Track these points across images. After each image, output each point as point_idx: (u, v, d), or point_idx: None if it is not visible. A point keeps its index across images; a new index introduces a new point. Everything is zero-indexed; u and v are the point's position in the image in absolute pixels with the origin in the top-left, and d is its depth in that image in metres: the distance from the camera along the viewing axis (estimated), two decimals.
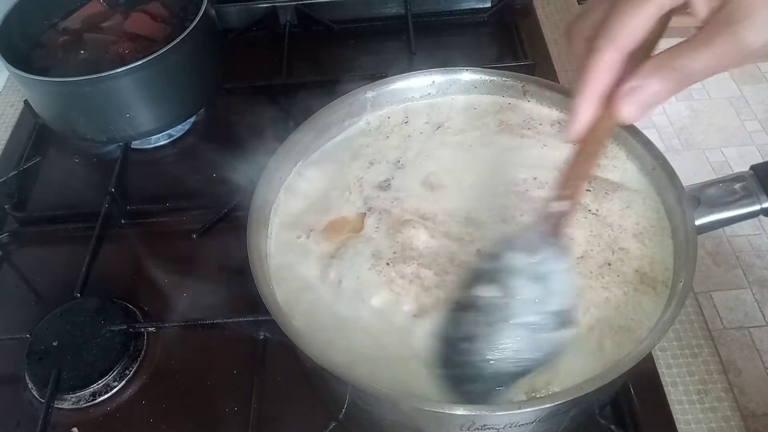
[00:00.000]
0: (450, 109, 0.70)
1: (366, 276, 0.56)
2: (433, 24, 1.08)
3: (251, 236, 0.56)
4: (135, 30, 0.91)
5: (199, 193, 0.86)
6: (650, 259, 0.56)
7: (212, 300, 0.74)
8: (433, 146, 0.67)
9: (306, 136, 0.66)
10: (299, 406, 0.65)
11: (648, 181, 0.61)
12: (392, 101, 0.70)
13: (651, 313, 0.53)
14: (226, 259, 0.75)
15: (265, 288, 0.52)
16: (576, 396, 0.46)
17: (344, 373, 0.48)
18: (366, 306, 0.55)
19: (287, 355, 0.66)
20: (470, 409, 0.46)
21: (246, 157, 0.85)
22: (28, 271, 0.82)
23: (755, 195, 0.56)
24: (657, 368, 0.66)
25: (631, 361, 0.47)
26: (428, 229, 0.59)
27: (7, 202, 0.87)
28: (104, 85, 0.81)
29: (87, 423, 0.67)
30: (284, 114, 0.93)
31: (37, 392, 0.67)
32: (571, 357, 0.50)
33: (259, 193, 0.59)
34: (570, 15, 1.07)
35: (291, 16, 1.08)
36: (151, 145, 0.94)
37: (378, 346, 0.53)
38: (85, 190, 0.91)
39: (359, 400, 0.53)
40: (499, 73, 0.70)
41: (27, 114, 0.98)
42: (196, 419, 0.66)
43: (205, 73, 0.92)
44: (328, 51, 1.06)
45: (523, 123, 0.68)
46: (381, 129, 0.69)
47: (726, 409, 0.63)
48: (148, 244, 0.83)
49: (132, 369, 0.69)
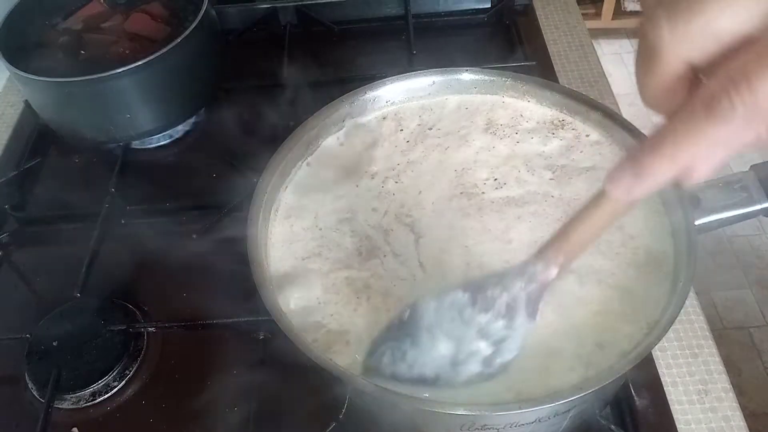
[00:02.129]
0: (442, 109, 0.70)
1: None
2: (433, 24, 1.08)
3: (251, 236, 0.56)
4: (135, 30, 0.91)
5: (199, 193, 0.86)
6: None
7: (212, 300, 0.74)
8: (417, 154, 0.67)
9: (306, 136, 0.66)
10: (299, 406, 0.65)
11: None
12: (392, 101, 0.70)
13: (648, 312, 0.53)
14: (226, 259, 0.75)
15: (265, 288, 0.52)
16: (576, 396, 0.46)
17: (344, 373, 0.48)
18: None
19: (287, 355, 0.66)
20: (470, 409, 0.46)
21: (246, 157, 0.85)
22: (28, 271, 0.82)
23: (755, 195, 0.56)
24: (657, 368, 0.66)
25: (631, 361, 0.47)
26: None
27: (7, 202, 0.87)
28: (104, 85, 0.81)
29: (87, 423, 0.67)
30: (284, 114, 0.93)
31: (37, 392, 0.67)
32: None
33: (259, 193, 0.59)
34: (570, 15, 1.07)
35: (291, 17, 1.08)
36: (151, 145, 0.94)
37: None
38: (85, 190, 0.91)
39: (359, 400, 0.53)
40: (499, 74, 0.70)
41: (27, 114, 0.98)
42: (196, 419, 0.66)
43: (206, 73, 0.92)
44: (328, 51, 1.06)
45: (511, 120, 0.68)
46: (377, 130, 0.69)
47: (726, 409, 0.63)
48: (148, 244, 0.83)
49: (132, 369, 0.69)
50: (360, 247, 0.60)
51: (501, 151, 0.66)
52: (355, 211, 0.62)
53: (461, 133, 0.67)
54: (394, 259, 0.58)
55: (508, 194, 0.62)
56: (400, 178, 0.65)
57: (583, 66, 0.98)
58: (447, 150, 0.66)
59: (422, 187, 0.64)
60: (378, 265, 0.58)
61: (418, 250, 0.59)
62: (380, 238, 0.60)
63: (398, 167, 0.66)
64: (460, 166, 0.65)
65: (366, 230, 0.61)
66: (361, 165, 0.66)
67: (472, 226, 0.60)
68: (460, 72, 0.70)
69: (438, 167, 0.65)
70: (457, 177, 0.64)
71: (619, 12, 2.58)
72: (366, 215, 0.62)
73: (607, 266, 0.56)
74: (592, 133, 0.66)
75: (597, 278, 0.55)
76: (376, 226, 0.61)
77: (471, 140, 0.67)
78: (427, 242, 0.59)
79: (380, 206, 0.63)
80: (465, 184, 0.63)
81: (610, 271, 0.56)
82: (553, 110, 0.68)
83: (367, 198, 0.63)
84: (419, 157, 0.66)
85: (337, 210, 0.63)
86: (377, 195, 0.64)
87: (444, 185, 0.64)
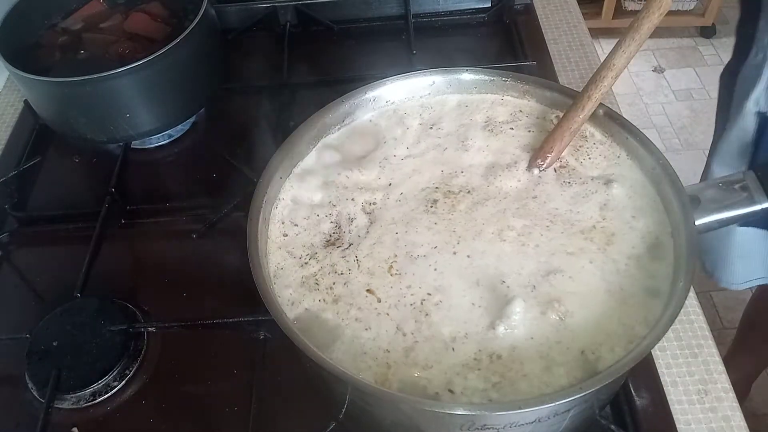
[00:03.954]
0: (442, 107, 0.70)
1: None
2: (433, 24, 1.08)
3: (251, 236, 0.56)
4: (135, 30, 0.91)
5: (199, 193, 0.86)
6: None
7: (212, 300, 0.74)
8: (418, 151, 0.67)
9: (306, 136, 0.66)
10: (299, 406, 0.65)
11: (648, 181, 0.61)
12: (392, 101, 0.70)
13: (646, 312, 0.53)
14: (226, 259, 0.75)
15: (265, 288, 0.52)
16: (576, 396, 0.46)
17: (344, 373, 0.48)
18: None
19: (287, 355, 0.66)
20: (470, 408, 0.47)
21: (246, 157, 0.85)
22: (28, 271, 0.82)
23: (755, 195, 0.56)
24: (657, 368, 0.65)
25: (631, 361, 0.47)
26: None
27: (7, 202, 0.87)
28: (104, 85, 0.81)
29: (87, 423, 0.67)
30: (284, 114, 0.93)
31: (37, 392, 0.67)
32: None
33: (259, 193, 0.59)
34: (570, 15, 1.07)
35: (291, 16, 1.08)
36: (151, 145, 0.94)
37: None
38: (85, 190, 0.91)
39: (359, 400, 0.53)
40: (499, 73, 0.70)
41: (27, 114, 0.98)
42: (196, 419, 0.66)
43: (205, 73, 0.92)
44: (328, 51, 1.06)
45: (510, 117, 0.68)
46: (377, 130, 0.69)
47: (726, 409, 0.63)
48: (148, 244, 0.83)
49: (132, 369, 0.69)
50: (331, 236, 0.61)
51: (494, 145, 0.66)
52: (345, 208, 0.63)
53: (459, 131, 0.68)
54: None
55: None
56: (395, 178, 0.65)
57: (583, 66, 0.98)
58: (445, 151, 0.66)
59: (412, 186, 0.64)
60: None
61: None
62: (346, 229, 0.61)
63: (398, 168, 0.66)
64: (451, 167, 0.65)
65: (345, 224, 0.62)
66: (361, 165, 0.66)
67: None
68: (460, 72, 0.70)
69: (433, 164, 0.65)
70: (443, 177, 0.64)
71: (620, 11, 2.58)
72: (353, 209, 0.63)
73: (607, 266, 0.56)
74: (594, 132, 0.66)
75: (597, 278, 0.56)
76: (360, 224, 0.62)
77: (469, 143, 0.67)
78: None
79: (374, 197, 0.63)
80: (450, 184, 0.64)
81: (611, 272, 0.56)
82: (553, 110, 0.68)
83: (367, 197, 0.63)
84: (419, 153, 0.67)
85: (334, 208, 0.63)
86: (375, 193, 0.64)
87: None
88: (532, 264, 0.57)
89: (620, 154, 0.64)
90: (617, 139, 0.64)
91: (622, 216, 0.59)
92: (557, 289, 0.55)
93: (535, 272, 0.56)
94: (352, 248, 0.59)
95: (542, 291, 0.55)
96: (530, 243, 0.58)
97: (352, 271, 0.58)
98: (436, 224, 0.60)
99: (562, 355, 0.51)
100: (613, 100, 0.90)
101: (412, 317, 0.54)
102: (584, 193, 0.62)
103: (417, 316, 0.54)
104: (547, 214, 0.60)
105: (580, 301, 0.54)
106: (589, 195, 0.61)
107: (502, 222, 0.60)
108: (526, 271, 0.56)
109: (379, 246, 0.59)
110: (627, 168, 0.63)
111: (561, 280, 0.55)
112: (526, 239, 0.58)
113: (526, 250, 0.58)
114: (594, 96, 0.61)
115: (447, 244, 0.58)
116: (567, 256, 0.57)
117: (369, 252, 0.59)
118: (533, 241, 0.58)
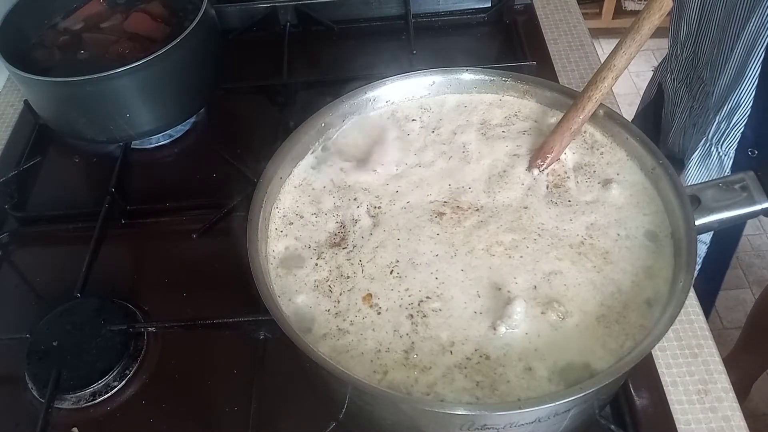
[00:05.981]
0: (441, 108, 0.70)
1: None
2: (433, 24, 1.08)
3: (251, 236, 0.56)
4: (135, 30, 0.91)
5: (199, 193, 0.86)
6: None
7: (212, 300, 0.74)
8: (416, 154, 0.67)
9: (306, 136, 0.66)
10: (299, 406, 0.65)
11: (648, 181, 0.61)
12: (392, 101, 0.70)
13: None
14: (226, 259, 0.75)
15: (265, 288, 0.52)
16: (576, 396, 0.46)
17: (344, 373, 0.48)
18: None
19: (287, 355, 0.66)
20: (470, 408, 0.47)
21: (246, 157, 0.85)
22: (28, 271, 0.82)
23: (755, 195, 0.56)
24: (657, 368, 0.66)
25: (631, 361, 0.47)
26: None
27: (7, 202, 0.87)
28: (104, 85, 0.81)
29: (87, 423, 0.67)
30: (284, 114, 0.93)
31: (37, 392, 0.67)
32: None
33: (259, 193, 0.59)
34: (570, 15, 1.07)
35: (291, 17, 1.08)
36: (151, 145, 0.94)
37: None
38: (85, 190, 0.92)
39: (359, 400, 0.53)
40: (499, 73, 0.70)
41: (27, 114, 0.98)
42: (196, 419, 0.66)
43: (205, 73, 0.92)
44: (328, 51, 1.06)
45: (504, 120, 0.68)
46: (377, 130, 0.69)
47: (726, 409, 0.63)
48: (148, 244, 0.83)
49: (132, 369, 0.69)
50: (336, 236, 0.61)
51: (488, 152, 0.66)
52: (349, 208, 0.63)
53: (458, 137, 0.67)
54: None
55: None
56: (399, 179, 0.65)
57: (583, 66, 0.98)
58: (450, 160, 0.66)
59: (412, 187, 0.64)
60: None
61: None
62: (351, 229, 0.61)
63: (397, 166, 0.66)
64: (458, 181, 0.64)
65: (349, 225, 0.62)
66: (363, 166, 0.66)
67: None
68: (460, 72, 0.70)
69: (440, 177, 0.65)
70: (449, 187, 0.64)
71: (620, 11, 2.58)
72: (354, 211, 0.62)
73: (607, 267, 0.56)
74: (594, 132, 0.66)
75: (597, 278, 0.56)
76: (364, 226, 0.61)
77: (470, 147, 0.67)
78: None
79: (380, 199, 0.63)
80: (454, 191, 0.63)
81: (611, 272, 0.56)
82: (552, 110, 0.68)
83: (371, 200, 0.63)
84: (426, 163, 0.66)
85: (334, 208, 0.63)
86: (378, 192, 0.64)
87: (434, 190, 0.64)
88: (532, 274, 0.57)
89: (620, 154, 0.64)
90: (617, 139, 0.64)
91: (622, 216, 0.59)
92: (555, 291, 0.55)
93: (535, 277, 0.56)
94: (356, 250, 0.59)
95: (542, 292, 0.55)
96: (521, 254, 0.58)
97: (357, 275, 0.57)
98: (438, 234, 0.60)
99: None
100: (613, 100, 0.90)
101: (410, 321, 0.54)
102: (579, 203, 0.62)
103: (415, 319, 0.54)
104: (544, 223, 0.61)
105: (576, 300, 0.54)
106: (588, 195, 0.61)
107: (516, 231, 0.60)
108: (526, 277, 0.56)
109: (382, 250, 0.59)
110: (627, 168, 0.63)
111: (560, 279, 0.56)
112: (520, 249, 0.58)
113: (516, 262, 0.57)
114: (594, 96, 0.61)
115: (446, 254, 0.58)
116: (567, 260, 0.57)
117: (372, 257, 0.59)
118: (523, 252, 0.58)
